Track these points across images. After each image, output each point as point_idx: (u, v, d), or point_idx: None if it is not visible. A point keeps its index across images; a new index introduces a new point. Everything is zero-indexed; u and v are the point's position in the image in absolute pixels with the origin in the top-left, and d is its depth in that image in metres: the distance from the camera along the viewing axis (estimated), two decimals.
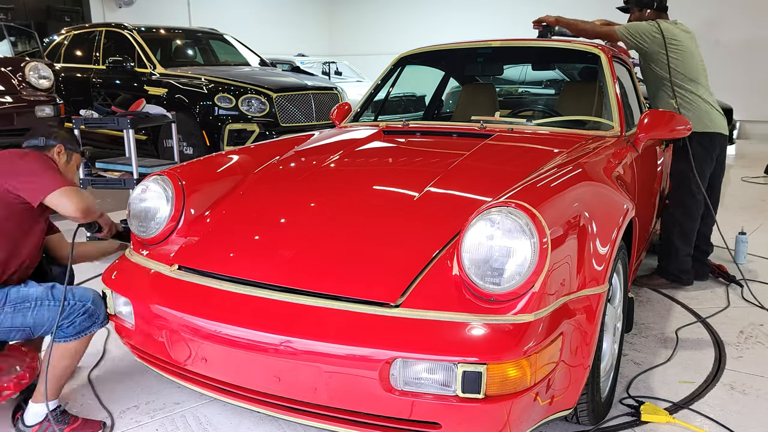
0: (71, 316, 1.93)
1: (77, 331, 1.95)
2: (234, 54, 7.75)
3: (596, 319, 1.76)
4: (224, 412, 2.18)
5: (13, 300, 1.90)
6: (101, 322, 2.02)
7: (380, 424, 1.61)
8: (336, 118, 3.41)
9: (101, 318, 2.01)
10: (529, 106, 3.86)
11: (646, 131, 2.71)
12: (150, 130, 6.19)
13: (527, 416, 1.60)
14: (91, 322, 1.98)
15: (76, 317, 1.94)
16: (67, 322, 1.93)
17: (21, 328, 1.92)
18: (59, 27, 9.28)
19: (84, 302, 1.96)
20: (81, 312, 1.95)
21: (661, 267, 3.44)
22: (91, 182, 3.82)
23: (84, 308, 1.95)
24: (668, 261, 3.39)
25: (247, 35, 10.02)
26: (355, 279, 1.73)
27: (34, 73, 5.32)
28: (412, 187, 2.12)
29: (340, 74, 12.17)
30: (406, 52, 3.53)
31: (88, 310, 1.96)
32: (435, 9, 14.75)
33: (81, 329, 1.96)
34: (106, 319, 2.04)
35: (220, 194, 2.29)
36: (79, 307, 1.94)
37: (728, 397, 2.29)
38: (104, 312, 2.02)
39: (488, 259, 1.61)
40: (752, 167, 7.35)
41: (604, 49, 3.08)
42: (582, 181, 2.00)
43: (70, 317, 1.93)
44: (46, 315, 1.92)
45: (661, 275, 3.43)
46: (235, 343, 1.67)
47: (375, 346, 1.53)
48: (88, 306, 1.96)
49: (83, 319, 1.95)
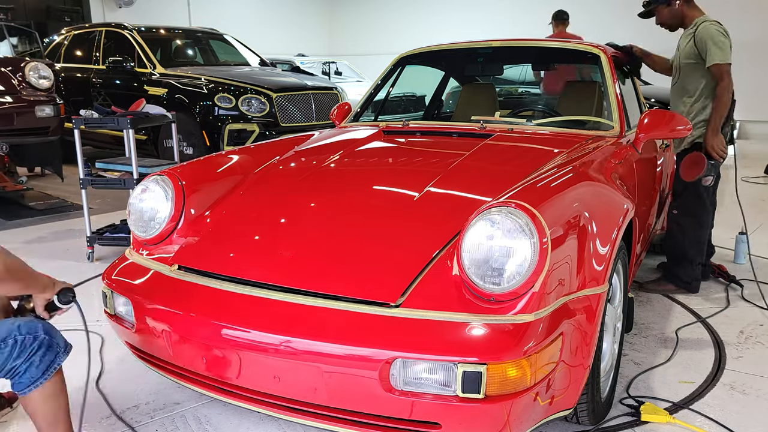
0: (24, 354, 1.59)
1: (42, 370, 1.63)
2: (234, 54, 7.76)
3: (596, 319, 1.76)
4: (224, 412, 2.18)
5: None
6: (65, 349, 1.70)
7: (380, 424, 1.61)
8: (336, 118, 3.41)
9: (62, 344, 1.69)
10: (529, 106, 3.86)
11: (646, 131, 2.70)
12: (150, 130, 6.19)
13: (527, 416, 1.60)
14: (53, 353, 1.65)
15: (32, 355, 1.61)
16: (23, 364, 1.60)
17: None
18: (59, 27, 9.28)
19: (34, 333, 1.62)
20: (36, 347, 1.61)
21: (671, 273, 3.39)
22: (91, 182, 3.83)
23: (37, 342, 1.62)
24: (680, 269, 3.34)
25: (247, 35, 10.02)
26: (355, 279, 1.73)
27: (34, 73, 5.32)
28: (412, 187, 2.12)
29: (340, 74, 12.17)
30: (406, 52, 3.53)
31: (42, 342, 1.63)
32: (435, 9, 14.76)
33: (45, 366, 1.63)
34: (68, 344, 1.73)
35: (220, 194, 2.29)
36: (29, 342, 1.60)
37: (728, 397, 2.29)
38: (61, 337, 1.70)
39: (488, 259, 1.61)
40: (752, 167, 7.35)
41: (604, 49, 3.08)
42: (582, 181, 2.00)
43: (23, 355, 1.59)
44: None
45: (670, 281, 3.39)
46: (235, 343, 1.67)
47: (375, 346, 1.53)
48: (42, 337, 1.63)
49: (42, 354, 1.62)
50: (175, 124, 4.41)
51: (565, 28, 7.08)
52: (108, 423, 2.13)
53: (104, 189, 5.33)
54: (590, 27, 9.94)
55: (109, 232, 3.99)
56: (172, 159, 4.77)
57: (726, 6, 11.07)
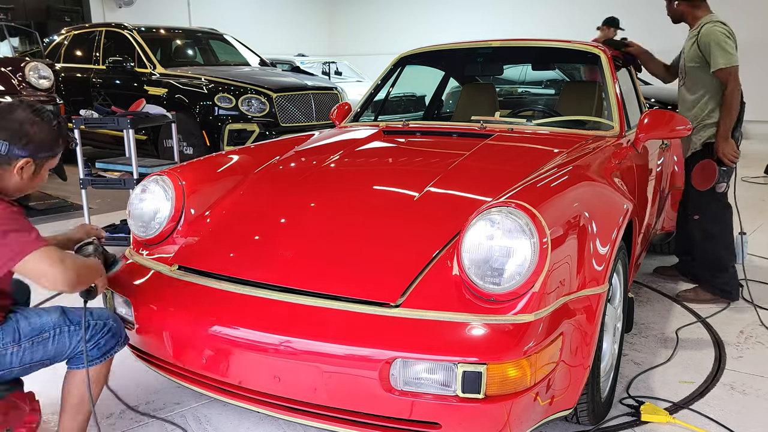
0: (95, 337, 1.78)
1: (103, 352, 1.79)
2: (234, 54, 7.76)
3: (596, 319, 1.76)
4: (224, 412, 2.18)
5: (27, 334, 1.70)
6: (124, 339, 1.86)
7: (380, 424, 1.61)
8: (336, 118, 3.41)
9: (123, 335, 1.86)
10: (529, 106, 3.86)
11: (646, 131, 2.70)
12: (150, 130, 6.19)
13: (527, 416, 1.60)
14: (115, 341, 1.82)
15: (100, 338, 1.78)
16: (91, 345, 1.77)
17: (41, 361, 1.74)
18: (59, 27, 9.29)
19: (105, 320, 1.81)
20: (105, 332, 1.79)
21: (707, 283, 3.23)
22: (91, 182, 3.82)
23: (106, 327, 1.80)
24: (716, 277, 3.20)
25: (247, 35, 10.02)
26: (355, 279, 1.73)
27: (34, 73, 5.32)
28: (412, 187, 2.12)
29: (340, 74, 12.17)
30: (406, 52, 3.53)
31: (111, 329, 1.81)
32: (435, 9, 14.76)
33: (106, 350, 1.80)
34: (128, 338, 1.90)
35: (220, 194, 2.29)
36: (100, 327, 1.79)
37: (728, 397, 2.29)
38: (124, 329, 1.88)
39: (488, 259, 1.61)
40: (752, 167, 7.34)
41: (604, 49, 3.08)
42: (582, 181, 2.00)
43: (94, 338, 1.78)
44: (67, 342, 1.75)
45: (707, 290, 3.23)
46: (235, 342, 1.67)
47: (375, 346, 1.53)
48: (110, 324, 1.81)
49: (107, 339, 1.80)
50: (175, 124, 4.41)
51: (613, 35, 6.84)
52: (108, 423, 2.13)
53: (104, 189, 5.32)
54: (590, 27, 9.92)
55: (109, 232, 3.99)
56: (172, 159, 4.77)
57: (726, 6, 11.08)
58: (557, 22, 12.32)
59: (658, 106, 6.65)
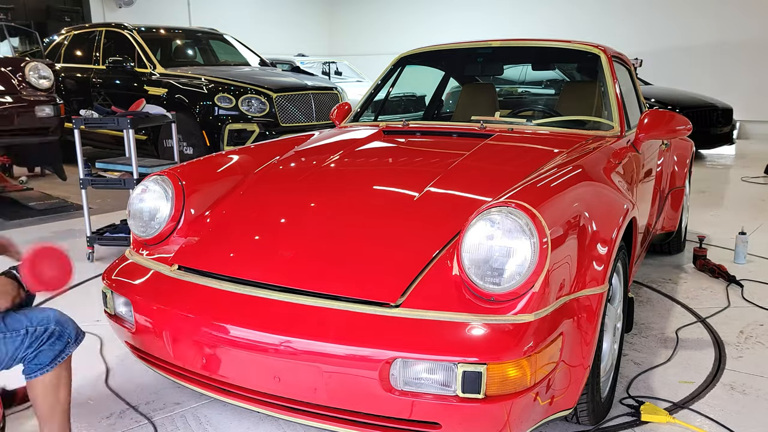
0: (35, 344, 1.64)
1: (51, 358, 1.67)
2: (234, 54, 7.76)
3: (596, 319, 1.76)
4: (224, 412, 2.18)
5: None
6: (75, 339, 1.73)
7: (380, 424, 1.61)
8: (336, 118, 3.41)
9: (73, 335, 1.72)
10: (529, 106, 3.86)
11: (646, 131, 2.70)
12: (150, 130, 6.19)
13: (527, 416, 1.60)
14: (63, 344, 1.69)
15: (41, 345, 1.65)
16: (32, 352, 1.64)
17: None
18: (59, 27, 9.29)
19: (45, 325, 1.66)
20: (45, 338, 1.66)
21: None
22: (91, 182, 3.83)
23: (47, 332, 1.66)
24: None
25: (247, 35, 10.03)
26: (355, 279, 1.73)
27: (34, 73, 5.32)
28: (412, 187, 2.12)
29: (340, 74, 12.17)
30: (406, 52, 3.53)
31: (53, 333, 1.67)
32: (435, 9, 14.76)
33: (53, 355, 1.68)
34: (80, 334, 1.76)
35: (220, 194, 2.29)
36: (40, 333, 1.65)
37: (728, 397, 2.29)
38: (73, 327, 1.73)
39: (488, 259, 1.61)
40: (752, 167, 7.35)
41: (604, 49, 3.08)
42: (582, 181, 2.00)
43: (34, 345, 1.64)
44: (3, 349, 1.61)
45: None
46: (235, 343, 1.67)
47: (375, 346, 1.53)
48: (52, 328, 1.67)
49: (51, 344, 1.67)
50: (175, 124, 4.41)
51: None
52: (108, 423, 2.13)
53: (104, 189, 5.33)
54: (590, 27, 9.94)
55: (109, 232, 3.99)
56: (172, 159, 4.77)
57: (726, 6, 11.10)
58: (557, 22, 12.33)
59: (658, 106, 6.65)
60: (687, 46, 10.84)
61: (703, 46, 10.67)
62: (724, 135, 8.01)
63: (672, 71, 10.41)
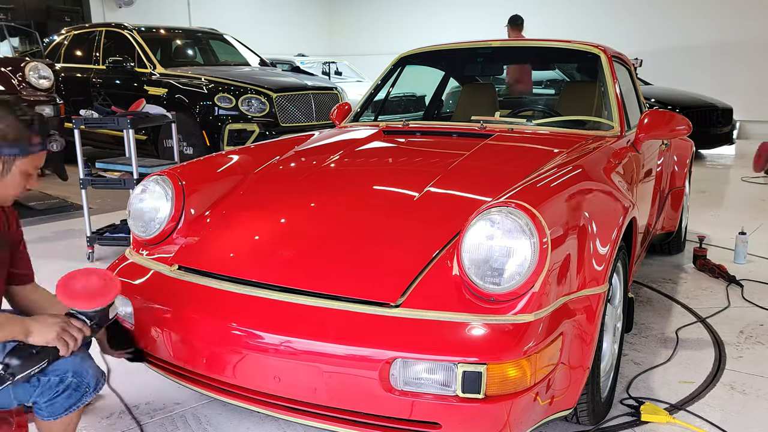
0: (47, 393, 1.50)
1: (64, 409, 1.54)
2: (234, 54, 7.76)
3: (596, 319, 1.76)
4: (224, 412, 2.18)
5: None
6: (93, 389, 1.58)
7: (380, 424, 1.61)
8: (336, 118, 3.41)
9: (92, 384, 1.57)
10: (529, 106, 3.86)
11: (646, 131, 2.70)
12: (150, 130, 6.19)
13: (527, 416, 1.60)
14: (79, 396, 1.55)
15: (55, 396, 1.51)
16: (45, 402, 1.51)
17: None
18: (59, 27, 9.29)
19: (61, 375, 1.51)
20: (61, 389, 1.52)
21: None
22: (91, 182, 3.83)
23: (63, 383, 1.52)
24: None
25: (247, 35, 10.02)
26: (355, 279, 1.73)
27: (34, 73, 5.32)
28: (412, 187, 2.12)
29: (340, 74, 12.17)
30: (406, 52, 3.53)
31: (69, 385, 1.52)
32: (435, 9, 14.76)
33: (67, 406, 1.54)
34: (101, 381, 1.61)
35: (220, 194, 2.29)
36: (55, 383, 1.50)
37: (728, 397, 2.29)
38: (93, 376, 1.57)
39: (488, 259, 1.61)
40: (752, 167, 7.33)
41: (604, 49, 3.08)
42: (582, 181, 2.00)
43: (46, 395, 1.50)
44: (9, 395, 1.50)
45: None
46: (235, 342, 1.67)
47: (375, 346, 1.53)
48: (69, 380, 1.52)
49: (67, 395, 1.53)
50: (175, 124, 4.41)
51: (520, 33, 7.34)
52: (108, 423, 2.13)
53: (104, 189, 5.32)
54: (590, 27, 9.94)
55: (109, 232, 3.99)
56: (172, 159, 4.77)
57: (726, 6, 11.09)
58: (557, 22, 12.32)
59: (658, 106, 6.66)
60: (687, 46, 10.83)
61: (703, 46, 10.66)
62: (724, 135, 8.00)
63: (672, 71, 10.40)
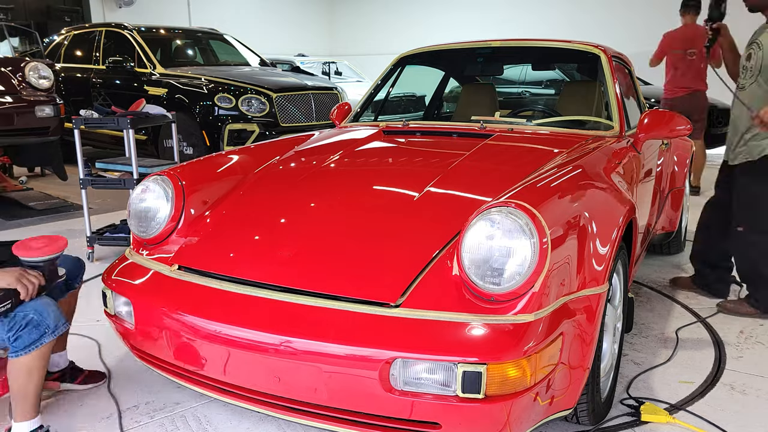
0: (14, 329, 1.79)
1: (25, 344, 1.80)
2: (234, 54, 7.76)
3: (596, 319, 1.76)
4: (224, 412, 2.18)
5: None
6: (53, 330, 1.84)
7: (380, 424, 1.61)
8: (336, 118, 3.41)
9: (51, 326, 1.84)
10: (529, 106, 3.86)
11: (646, 131, 2.70)
12: (150, 130, 6.19)
13: (527, 416, 1.60)
14: (39, 333, 1.81)
15: (20, 330, 1.79)
16: (11, 336, 1.79)
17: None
18: (59, 27, 9.28)
19: (25, 313, 1.81)
20: (23, 324, 1.80)
21: (750, 296, 3.06)
22: (91, 182, 3.83)
23: (25, 319, 1.80)
24: (759, 291, 3.03)
25: (248, 35, 10.02)
26: (355, 279, 1.73)
27: (34, 73, 5.32)
28: (412, 187, 2.12)
29: (340, 74, 12.16)
30: (406, 52, 3.53)
31: (30, 321, 1.80)
32: (435, 9, 14.75)
33: (28, 342, 1.81)
34: (63, 324, 1.88)
35: (220, 194, 2.29)
36: (20, 319, 1.80)
37: (728, 397, 2.29)
38: (54, 318, 1.85)
39: (488, 259, 1.61)
40: None
41: (604, 49, 3.08)
42: (582, 181, 2.00)
43: (14, 330, 1.79)
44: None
45: (751, 305, 3.04)
46: (235, 343, 1.67)
47: (375, 346, 1.53)
48: (30, 316, 1.81)
49: (29, 332, 1.80)
50: (175, 124, 4.41)
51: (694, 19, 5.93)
52: (108, 423, 2.13)
53: (104, 189, 5.33)
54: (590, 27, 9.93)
55: (109, 232, 3.99)
56: (172, 159, 4.77)
57: (728, 7, 11.07)
58: (557, 22, 12.33)
59: (658, 106, 6.65)
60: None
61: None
62: (724, 135, 7.98)
63: None
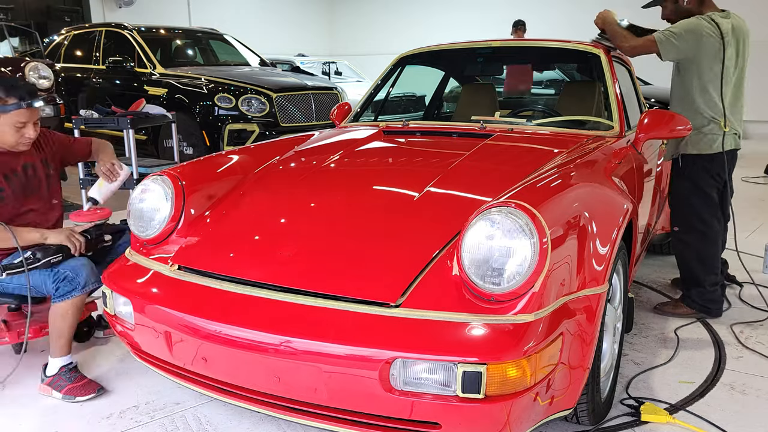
0: (55, 279, 2.25)
1: (61, 294, 2.25)
2: (234, 54, 7.75)
3: (596, 319, 1.76)
4: (224, 412, 2.18)
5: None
6: (82, 287, 2.26)
7: (380, 424, 1.61)
8: (336, 118, 3.41)
9: (81, 284, 2.26)
10: (529, 106, 3.86)
11: (646, 131, 2.70)
12: (150, 130, 6.19)
13: (527, 416, 1.60)
14: (72, 287, 2.25)
15: (58, 283, 2.25)
16: (52, 284, 2.25)
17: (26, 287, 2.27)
18: (59, 27, 9.28)
19: (64, 269, 2.26)
20: (61, 277, 2.25)
21: (685, 296, 3.07)
22: (91, 182, 3.82)
23: (63, 275, 2.25)
24: (692, 291, 3.03)
25: (248, 35, 10.02)
26: (355, 279, 1.73)
27: (34, 73, 5.32)
28: (412, 187, 2.12)
29: (340, 74, 12.16)
30: (406, 52, 3.53)
31: (66, 276, 2.25)
32: (435, 9, 14.76)
33: (63, 293, 2.25)
34: (93, 283, 2.29)
35: (220, 194, 2.29)
36: (60, 273, 2.25)
37: (728, 397, 2.29)
38: (85, 277, 2.26)
39: (488, 259, 1.61)
40: (752, 167, 7.33)
41: (604, 49, 3.07)
42: (582, 181, 2.00)
43: (53, 280, 2.25)
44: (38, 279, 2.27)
45: (687, 304, 3.05)
46: (235, 343, 1.67)
47: (375, 346, 1.53)
48: (67, 273, 2.25)
49: (65, 285, 2.24)
50: (175, 124, 4.41)
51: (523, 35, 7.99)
52: (108, 423, 2.13)
53: None
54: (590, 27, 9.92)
55: None
56: (172, 159, 4.78)
57: (726, 6, 11.08)
58: (557, 22, 12.33)
59: (658, 106, 6.66)
60: None
61: None
62: None
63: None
